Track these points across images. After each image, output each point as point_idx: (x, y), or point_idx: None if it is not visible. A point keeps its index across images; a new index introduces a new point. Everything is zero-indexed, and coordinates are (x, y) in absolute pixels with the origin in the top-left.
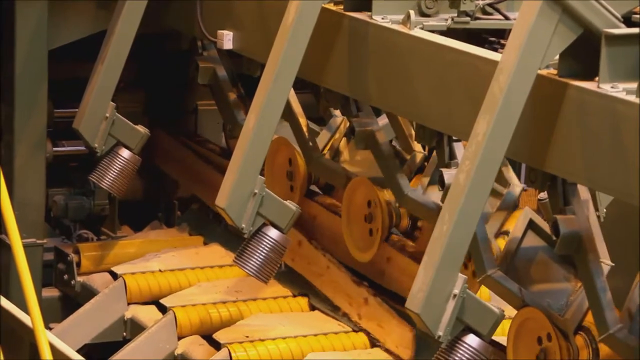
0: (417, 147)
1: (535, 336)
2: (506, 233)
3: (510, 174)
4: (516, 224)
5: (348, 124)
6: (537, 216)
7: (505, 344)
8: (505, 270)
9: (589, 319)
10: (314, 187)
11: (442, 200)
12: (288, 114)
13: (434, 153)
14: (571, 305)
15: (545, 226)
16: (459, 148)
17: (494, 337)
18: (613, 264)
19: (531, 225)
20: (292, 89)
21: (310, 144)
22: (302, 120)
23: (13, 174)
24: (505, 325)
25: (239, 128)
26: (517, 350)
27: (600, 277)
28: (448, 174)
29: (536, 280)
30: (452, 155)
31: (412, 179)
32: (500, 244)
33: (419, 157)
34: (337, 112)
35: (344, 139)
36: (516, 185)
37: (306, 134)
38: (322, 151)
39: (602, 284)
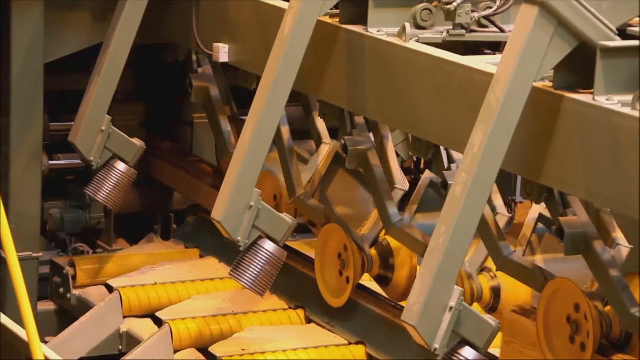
0: (399, 179)
1: (566, 307)
2: (488, 270)
3: (498, 201)
4: None
5: (332, 156)
6: None
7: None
8: None
9: None
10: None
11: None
12: (278, 143)
13: (420, 182)
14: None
15: None
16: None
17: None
18: (632, 246)
19: None
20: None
21: (294, 178)
22: (290, 152)
23: (9, 187)
24: None
25: (228, 153)
26: (548, 323)
27: (614, 267)
28: (450, 175)
29: None
30: (451, 159)
31: None
32: (482, 280)
33: (400, 194)
34: (325, 133)
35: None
36: (503, 215)
37: (292, 168)
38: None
39: (618, 274)
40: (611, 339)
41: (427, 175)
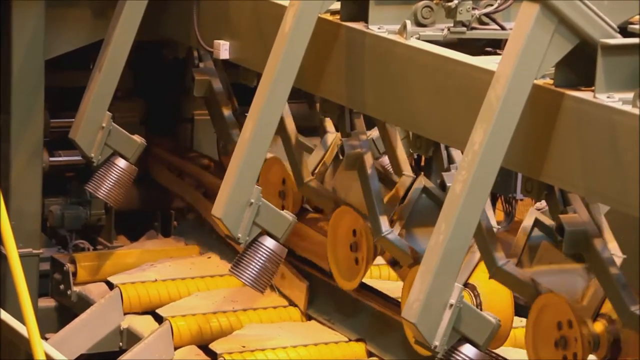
0: (406, 168)
1: (555, 322)
2: (472, 287)
3: (489, 212)
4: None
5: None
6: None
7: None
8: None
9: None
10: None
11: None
12: (283, 135)
13: (407, 198)
14: (587, 292)
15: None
16: (456, 153)
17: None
18: (625, 256)
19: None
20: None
21: (301, 166)
22: (295, 142)
23: (9, 184)
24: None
25: (233, 143)
26: (537, 337)
27: (614, 265)
28: (448, 177)
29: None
30: (451, 160)
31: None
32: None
33: (408, 180)
34: (331, 128)
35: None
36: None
37: (298, 156)
38: (314, 169)
39: (618, 272)
40: (599, 355)
41: (418, 185)
